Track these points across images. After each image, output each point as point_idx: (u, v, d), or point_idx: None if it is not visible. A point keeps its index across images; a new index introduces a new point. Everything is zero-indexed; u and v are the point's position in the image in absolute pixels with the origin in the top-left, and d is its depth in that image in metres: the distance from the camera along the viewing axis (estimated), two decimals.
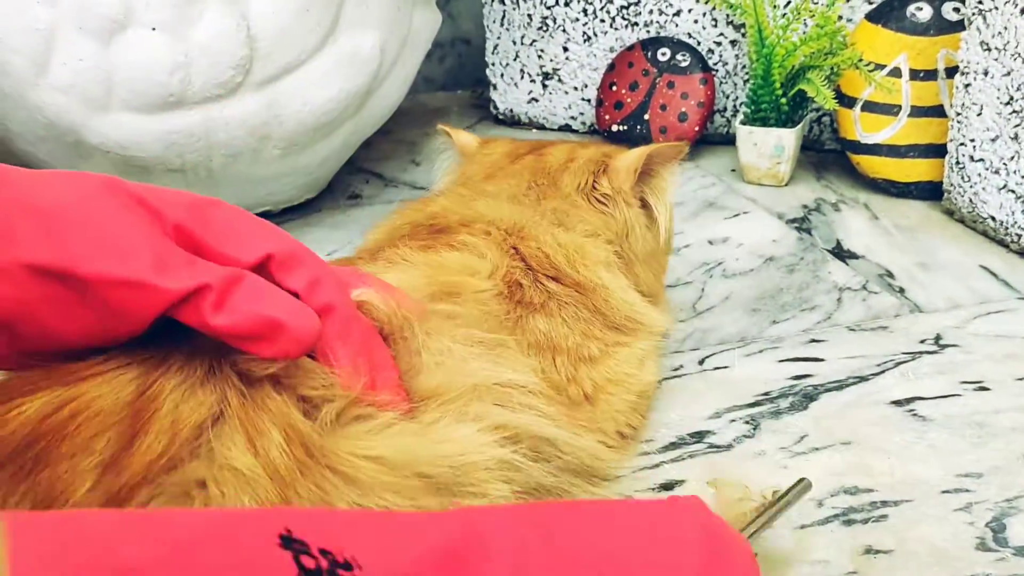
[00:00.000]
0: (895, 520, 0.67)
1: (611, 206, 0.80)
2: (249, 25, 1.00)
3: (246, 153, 1.05)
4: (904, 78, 1.18)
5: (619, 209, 0.80)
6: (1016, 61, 1.03)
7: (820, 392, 0.83)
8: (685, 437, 0.77)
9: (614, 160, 0.81)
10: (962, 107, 1.11)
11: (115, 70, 0.96)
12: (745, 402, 0.81)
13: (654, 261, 0.84)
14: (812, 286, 1.01)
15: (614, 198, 0.80)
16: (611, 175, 0.81)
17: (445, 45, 1.73)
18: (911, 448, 0.75)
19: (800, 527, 0.67)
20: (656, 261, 0.85)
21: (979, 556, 0.64)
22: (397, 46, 1.16)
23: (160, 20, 0.96)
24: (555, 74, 1.47)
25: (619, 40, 1.42)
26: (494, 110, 1.53)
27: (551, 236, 0.75)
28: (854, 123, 1.22)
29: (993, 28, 1.05)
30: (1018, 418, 0.78)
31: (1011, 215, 1.06)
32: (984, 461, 0.73)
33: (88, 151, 1.01)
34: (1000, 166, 1.06)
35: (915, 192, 1.21)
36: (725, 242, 1.12)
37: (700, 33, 1.37)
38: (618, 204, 0.80)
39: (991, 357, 0.87)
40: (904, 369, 0.86)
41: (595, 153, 0.83)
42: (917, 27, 1.19)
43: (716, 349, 0.90)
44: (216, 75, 0.99)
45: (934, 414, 0.79)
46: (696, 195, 1.25)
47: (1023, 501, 0.69)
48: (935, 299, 0.98)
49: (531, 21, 1.45)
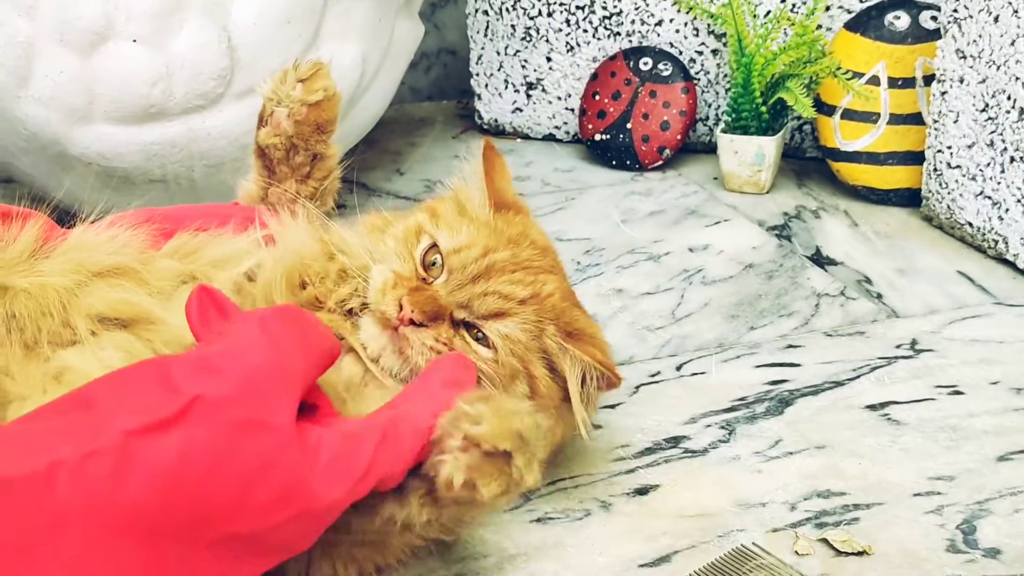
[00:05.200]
0: (866, 523, 0.68)
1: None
2: (230, 36, 1.01)
3: (228, 163, 1.05)
4: (883, 86, 1.19)
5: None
6: (991, 68, 1.04)
7: (796, 397, 0.83)
8: (661, 442, 0.78)
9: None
10: (939, 114, 1.12)
11: (96, 82, 0.97)
12: (721, 407, 0.82)
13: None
14: (790, 292, 1.02)
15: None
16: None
17: (431, 56, 1.74)
18: (884, 452, 0.76)
19: (772, 530, 0.67)
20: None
21: (949, 558, 0.64)
22: (379, 57, 1.17)
23: (141, 32, 0.97)
24: (539, 84, 1.48)
25: (602, 50, 1.42)
26: (479, 120, 1.54)
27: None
28: (834, 131, 1.23)
29: (968, 36, 1.07)
30: (990, 421, 0.79)
31: (987, 221, 1.07)
32: (956, 464, 0.74)
33: (70, 162, 1.02)
34: (976, 172, 1.07)
35: (894, 199, 1.22)
36: (705, 249, 1.12)
37: (682, 43, 1.38)
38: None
39: (966, 361, 0.88)
40: (880, 374, 0.86)
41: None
42: (895, 36, 1.20)
43: (694, 355, 0.91)
44: (197, 86, 1.00)
45: (908, 418, 0.80)
46: (678, 203, 1.26)
47: (994, 503, 0.69)
48: (912, 304, 0.99)
49: (515, 32, 1.46)
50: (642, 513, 0.70)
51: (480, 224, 0.68)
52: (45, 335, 0.52)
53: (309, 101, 0.73)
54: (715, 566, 0.63)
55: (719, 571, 0.63)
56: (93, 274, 0.56)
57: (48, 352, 0.52)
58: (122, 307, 0.55)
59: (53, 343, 0.52)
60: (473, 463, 0.51)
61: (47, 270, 0.54)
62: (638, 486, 0.72)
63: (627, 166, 1.37)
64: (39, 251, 0.56)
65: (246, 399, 0.46)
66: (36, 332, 0.52)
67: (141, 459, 0.43)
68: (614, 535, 0.67)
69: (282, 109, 0.73)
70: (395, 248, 0.66)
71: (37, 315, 0.52)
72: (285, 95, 0.73)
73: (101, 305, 0.54)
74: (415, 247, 0.66)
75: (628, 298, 1.02)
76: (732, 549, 0.65)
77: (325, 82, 0.74)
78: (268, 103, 0.75)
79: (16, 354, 0.51)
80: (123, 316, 0.55)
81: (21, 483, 0.40)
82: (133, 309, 0.55)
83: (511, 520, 0.69)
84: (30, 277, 0.54)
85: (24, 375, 0.51)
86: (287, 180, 0.75)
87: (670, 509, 0.70)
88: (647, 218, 1.21)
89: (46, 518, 0.40)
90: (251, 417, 0.46)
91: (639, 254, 1.11)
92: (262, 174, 0.76)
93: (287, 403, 0.48)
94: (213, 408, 0.45)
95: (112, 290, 0.55)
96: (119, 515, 0.42)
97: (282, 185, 0.75)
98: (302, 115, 0.73)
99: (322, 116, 0.74)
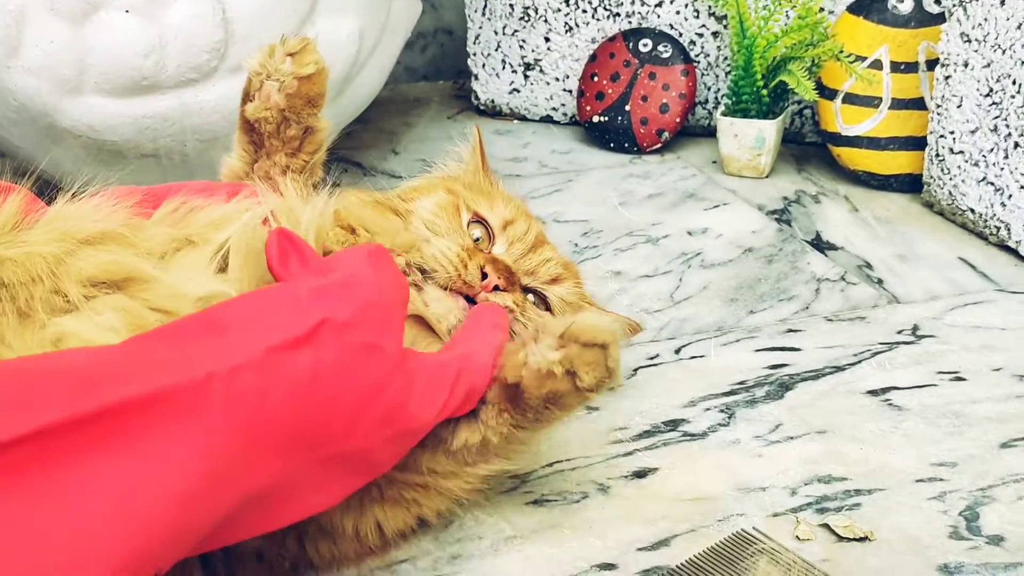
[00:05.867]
0: (868, 509, 0.67)
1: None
2: (225, 8, 0.99)
3: (221, 138, 1.03)
4: (885, 70, 1.18)
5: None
6: (996, 53, 1.03)
7: (796, 381, 0.82)
8: (660, 425, 0.76)
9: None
10: (942, 99, 1.11)
11: (87, 53, 0.95)
12: (721, 391, 0.81)
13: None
14: (790, 277, 1.01)
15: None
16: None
17: (427, 35, 1.72)
18: (886, 437, 0.75)
19: (773, 515, 0.66)
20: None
21: (952, 544, 0.63)
22: (376, 33, 1.15)
23: (133, 2, 0.95)
24: (537, 65, 1.46)
25: (601, 31, 1.41)
26: (475, 100, 1.52)
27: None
28: (835, 115, 1.21)
29: (973, 20, 1.05)
30: (993, 408, 0.78)
31: (990, 207, 1.06)
32: (958, 451, 0.73)
33: (60, 134, 1.00)
34: (979, 158, 1.06)
35: (895, 184, 1.21)
36: (704, 232, 1.11)
37: (682, 24, 1.37)
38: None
39: (967, 348, 0.87)
40: (881, 359, 0.85)
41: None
42: (898, 19, 1.18)
43: (693, 338, 0.89)
44: (191, 59, 0.98)
45: (910, 404, 0.79)
46: (676, 186, 1.24)
47: (997, 490, 0.68)
48: (913, 290, 0.98)
49: (513, 11, 1.44)
50: (640, 496, 0.68)
51: (506, 199, 0.76)
52: (38, 302, 0.51)
53: (301, 74, 0.73)
54: (715, 551, 0.62)
55: (719, 556, 0.62)
56: (79, 241, 0.55)
57: (44, 319, 0.50)
58: (112, 267, 0.54)
59: (47, 310, 0.51)
60: (573, 353, 0.57)
61: (31, 239, 0.53)
62: (636, 469, 0.71)
63: (625, 148, 1.35)
64: (21, 223, 0.55)
65: (364, 324, 0.50)
66: (29, 299, 0.51)
67: (281, 373, 0.46)
68: (612, 518, 0.66)
69: (272, 83, 0.73)
70: (447, 223, 0.71)
71: (28, 282, 0.51)
72: (275, 69, 0.73)
73: (91, 268, 0.53)
74: (458, 219, 0.72)
75: (626, 281, 1.00)
76: (732, 534, 0.64)
77: (315, 55, 0.74)
78: (256, 77, 0.74)
79: (11, 323, 0.50)
80: (114, 277, 0.54)
81: (184, 391, 0.43)
82: (124, 269, 0.54)
83: (507, 502, 0.68)
84: (14, 248, 0.52)
85: (21, 343, 0.49)
86: (276, 153, 0.75)
87: (669, 493, 0.69)
88: (645, 201, 1.20)
89: (203, 426, 0.43)
90: (369, 341, 0.50)
91: (637, 237, 1.10)
92: (247, 150, 0.76)
93: (396, 330, 0.53)
94: (338, 330, 0.49)
95: (100, 253, 0.54)
96: (263, 425, 0.46)
97: (271, 158, 0.74)
98: (293, 88, 0.73)
99: (313, 89, 0.75)
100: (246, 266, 0.58)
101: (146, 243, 0.57)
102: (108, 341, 0.49)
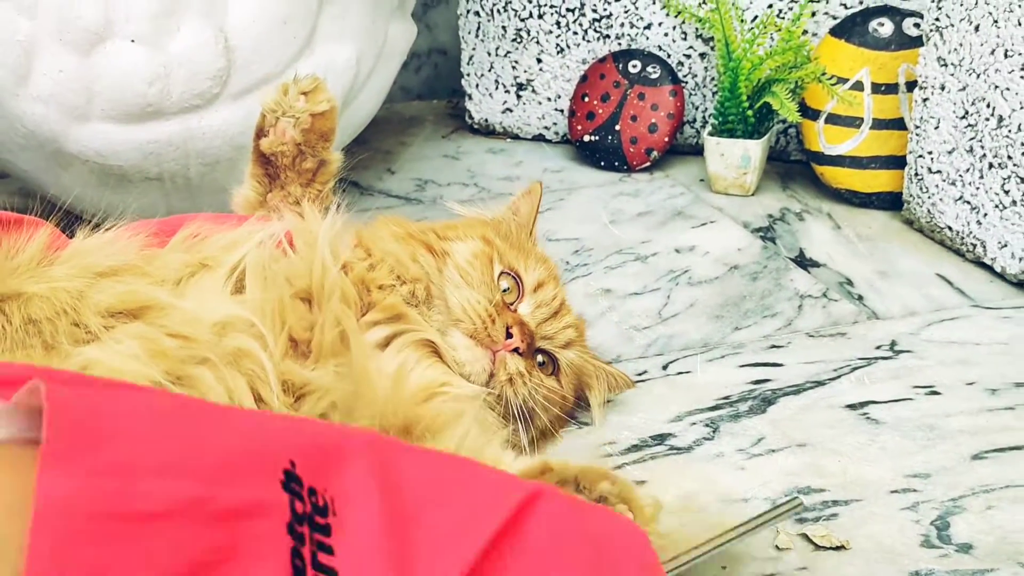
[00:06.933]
0: (845, 519, 0.70)
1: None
2: (227, 37, 1.02)
3: (223, 162, 1.07)
4: (866, 91, 1.22)
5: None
6: (971, 76, 1.06)
7: (778, 396, 0.86)
8: (647, 439, 0.80)
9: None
10: (921, 120, 1.14)
11: (95, 81, 0.98)
12: (706, 406, 0.84)
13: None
14: (774, 293, 1.05)
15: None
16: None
17: (422, 55, 1.76)
18: (863, 450, 0.78)
19: None
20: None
21: (923, 553, 0.67)
22: (373, 58, 1.18)
23: (139, 32, 0.98)
24: (529, 85, 1.50)
25: (591, 52, 1.45)
26: (469, 120, 1.56)
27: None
28: (818, 135, 1.25)
29: (949, 44, 1.09)
30: (966, 421, 0.82)
31: (966, 225, 1.09)
32: (932, 462, 0.76)
33: (68, 160, 1.03)
34: (956, 178, 1.10)
35: (876, 202, 1.25)
36: (692, 250, 1.15)
37: (670, 46, 1.41)
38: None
39: (943, 362, 0.91)
40: (860, 374, 0.89)
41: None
42: (879, 42, 1.22)
43: (680, 355, 0.93)
44: (194, 86, 1.02)
45: (886, 417, 0.82)
46: (665, 204, 1.28)
47: (967, 500, 0.72)
48: (892, 306, 1.02)
49: (505, 33, 1.48)
50: None
51: (540, 259, 0.80)
52: (62, 335, 0.54)
53: (315, 111, 0.79)
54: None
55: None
56: (97, 274, 0.58)
57: (68, 350, 0.53)
58: (129, 298, 0.57)
59: (71, 341, 0.54)
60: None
61: (55, 275, 0.57)
62: None
63: (615, 167, 1.39)
64: (45, 259, 0.58)
65: None
66: (54, 332, 0.54)
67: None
68: None
69: (287, 119, 0.78)
70: (480, 276, 0.74)
71: (53, 316, 0.54)
72: (289, 106, 0.78)
73: (109, 300, 0.56)
74: (490, 273, 0.75)
75: (615, 298, 1.04)
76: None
77: (327, 94, 0.80)
78: (271, 114, 0.79)
79: (38, 355, 0.53)
80: (131, 307, 0.57)
81: None
82: (140, 299, 0.57)
83: None
84: (41, 284, 0.56)
85: None
86: (291, 184, 0.79)
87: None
88: (635, 219, 1.24)
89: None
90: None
91: (627, 255, 1.14)
92: (262, 182, 0.80)
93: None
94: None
95: (118, 285, 0.58)
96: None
97: (285, 188, 0.79)
98: (308, 124, 0.78)
99: (326, 125, 0.80)
100: (263, 287, 0.61)
101: (161, 271, 0.60)
102: (131, 368, 0.52)
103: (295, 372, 0.60)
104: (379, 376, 0.63)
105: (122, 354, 0.53)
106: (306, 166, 0.79)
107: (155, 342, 0.55)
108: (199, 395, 0.54)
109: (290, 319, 0.62)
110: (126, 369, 0.52)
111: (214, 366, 0.56)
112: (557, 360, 0.77)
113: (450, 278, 0.74)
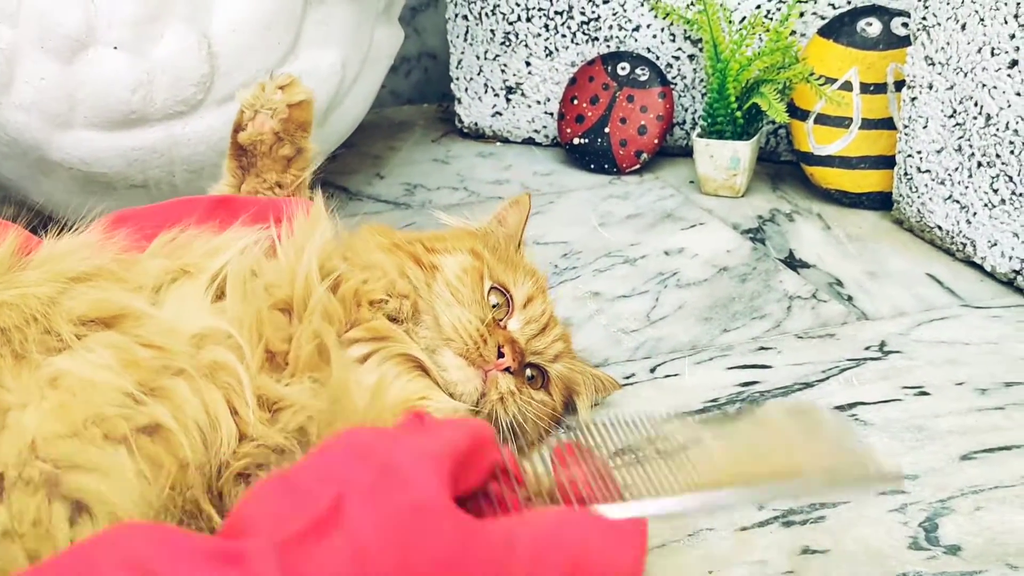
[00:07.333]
0: (832, 521, 0.69)
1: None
2: (210, 43, 1.02)
3: (208, 168, 1.06)
4: (855, 91, 1.22)
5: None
6: (958, 75, 1.06)
7: (766, 398, 0.85)
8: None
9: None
10: (909, 120, 1.14)
11: (77, 88, 0.98)
12: (693, 408, 0.84)
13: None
14: (763, 295, 1.04)
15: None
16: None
17: (411, 60, 1.76)
18: None
19: (741, 528, 0.69)
20: None
21: (911, 555, 0.66)
22: (358, 63, 1.18)
23: (122, 39, 0.98)
24: (518, 88, 1.49)
25: (580, 55, 1.44)
26: (459, 123, 1.55)
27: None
28: (807, 135, 1.25)
29: (936, 43, 1.09)
30: (955, 421, 0.81)
31: (956, 224, 1.09)
32: (920, 463, 0.76)
33: (51, 167, 1.03)
34: (945, 177, 1.10)
35: (866, 202, 1.24)
36: (681, 252, 1.14)
37: (659, 48, 1.40)
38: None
39: (932, 363, 0.90)
40: (848, 375, 0.88)
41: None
42: (867, 42, 1.22)
43: (668, 357, 0.92)
44: (178, 92, 1.01)
45: (875, 418, 0.82)
46: (655, 206, 1.27)
47: (956, 501, 0.71)
48: (881, 307, 1.01)
49: (494, 36, 1.48)
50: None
51: (528, 272, 0.79)
52: (32, 344, 0.53)
53: (292, 101, 0.82)
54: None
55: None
56: (70, 279, 0.57)
57: (39, 359, 0.53)
58: (103, 305, 0.56)
59: (42, 350, 0.53)
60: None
61: (25, 281, 0.56)
62: None
63: (605, 170, 1.38)
64: (16, 264, 0.57)
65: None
66: (23, 341, 0.53)
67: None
68: None
69: (265, 112, 0.82)
70: (470, 293, 0.73)
71: (23, 324, 0.53)
72: (267, 100, 0.82)
73: (82, 307, 0.55)
74: (480, 289, 0.74)
75: (604, 301, 1.03)
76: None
77: (302, 87, 0.84)
78: (249, 109, 0.82)
79: (8, 364, 0.52)
80: (105, 315, 0.56)
81: None
82: (114, 306, 0.56)
83: None
84: (10, 290, 0.55)
85: (19, 384, 0.51)
86: (268, 171, 0.82)
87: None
88: (624, 221, 1.23)
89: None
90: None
91: (615, 257, 1.13)
92: (236, 174, 0.84)
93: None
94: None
95: (91, 291, 0.57)
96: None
97: (261, 176, 0.82)
98: (286, 114, 0.82)
99: (303, 115, 0.83)
100: (243, 298, 0.61)
101: (139, 277, 0.60)
102: (103, 378, 0.51)
103: (270, 388, 0.59)
104: (358, 388, 0.62)
105: (94, 364, 0.52)
106: (283, 152, 0.82)
107: (129, 352, 0.54)
108: (174, 407, 0.53)
109: (267, 331, 0.61)
110: (97, 379, 0.51)
111: (190, 378, 0.55)
112: (547, 373, 0.76)
113: (440, 295, 0.72)
